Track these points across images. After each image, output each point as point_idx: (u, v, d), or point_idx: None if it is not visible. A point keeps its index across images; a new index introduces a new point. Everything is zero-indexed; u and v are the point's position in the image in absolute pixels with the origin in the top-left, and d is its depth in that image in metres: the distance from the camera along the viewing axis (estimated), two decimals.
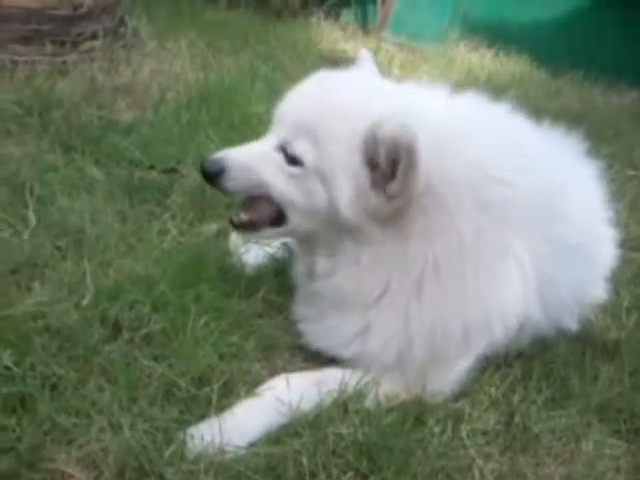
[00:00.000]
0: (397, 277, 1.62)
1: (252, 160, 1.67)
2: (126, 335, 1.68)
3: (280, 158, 1.64)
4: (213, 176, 1.68)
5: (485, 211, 1.60)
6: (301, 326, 1.81)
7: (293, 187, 1.63)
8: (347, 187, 1.56)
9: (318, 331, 1.75)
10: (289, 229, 1.71)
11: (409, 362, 1.63)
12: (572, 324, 1.90)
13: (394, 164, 1.51)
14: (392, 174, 1.52)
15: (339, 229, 1.62)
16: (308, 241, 1.73)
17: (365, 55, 1.89)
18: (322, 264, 1.69)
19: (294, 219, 1.67)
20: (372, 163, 1.55)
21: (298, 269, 1.85)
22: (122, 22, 3.62)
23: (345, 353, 1.69)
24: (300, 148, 1.60)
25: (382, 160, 1.52)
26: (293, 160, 1.62)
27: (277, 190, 1.65)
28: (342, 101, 1.63)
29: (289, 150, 1.62)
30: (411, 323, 1.61)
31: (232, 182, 1.68)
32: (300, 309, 1.83)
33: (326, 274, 1.68)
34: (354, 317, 1.67)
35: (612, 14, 5.68)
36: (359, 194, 1.56)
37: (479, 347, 1.69)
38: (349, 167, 1.56)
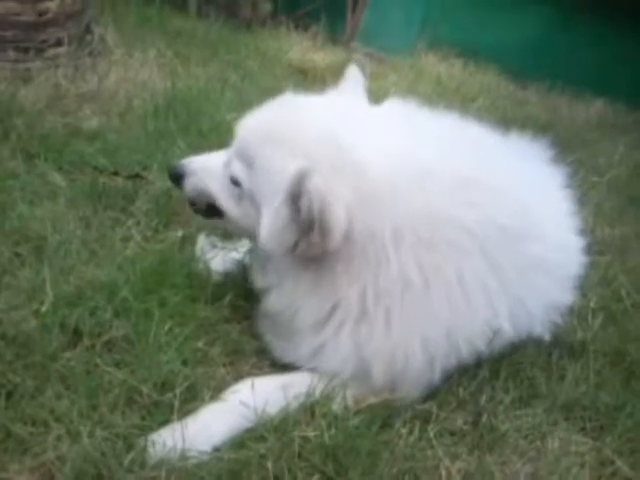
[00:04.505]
0: (336, 305, 1.60)
1: (204, 171, 1.78)
2: (87, 342, 1.64)
3: (227, 174, 1.72)
4: (174, 179, 1.84)
5: (431, 248, 1.56)
6: (265, 338, 1.78)
7: (233, 204, 1.72)
8: (268, 220, 1.56)
9: (279, 345, 1.73)
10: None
11: (370, 378, 1.61)
12: (543, 332, 1.90)
13: (312, 218, 1.49)
14: (311, 226, 1.50)
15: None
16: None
17: (353, 73, 1.84)
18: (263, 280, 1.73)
19: (235, 232, 1.85)
20: (296, 208, 1.52)
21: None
22: (88, 29, 3.56)
23: (306, 366, 1.67)
24: (237, 169, 1.67)
25: (303, 210, 1.50)
26: (233, 179, 1.69)
27: (220, 203, 1.75)
28: (282, 135, 1.61)
29: (230, 168, 1.70)
30: (364, 348, 1.59)
31: (190, 187, 1.81)
32: (262, 321, 1.81)
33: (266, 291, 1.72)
34: (307, 337, 1.65)
35: (578, 27, 5.81)
36: (280, 230, 1.55)
37: (445, 364, 1.66)
38: (274, 202, 1.55)
